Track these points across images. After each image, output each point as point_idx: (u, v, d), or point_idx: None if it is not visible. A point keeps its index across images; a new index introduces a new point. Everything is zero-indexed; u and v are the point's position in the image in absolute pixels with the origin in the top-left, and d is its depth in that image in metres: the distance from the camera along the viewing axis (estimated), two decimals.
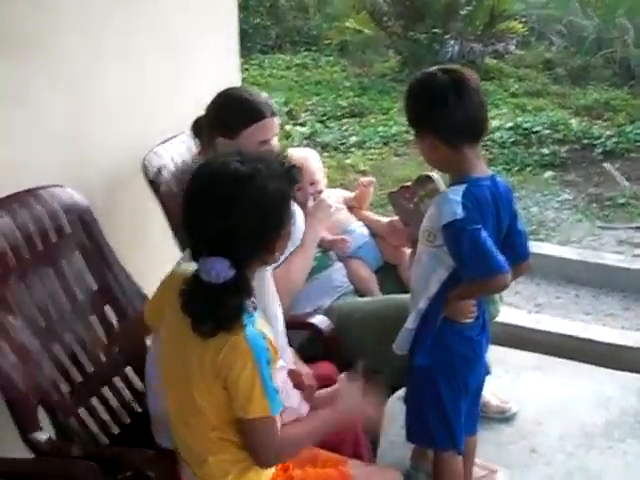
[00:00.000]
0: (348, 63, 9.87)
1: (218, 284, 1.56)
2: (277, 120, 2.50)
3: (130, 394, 2.31)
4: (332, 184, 3.92)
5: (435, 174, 2.58)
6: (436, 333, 2.14)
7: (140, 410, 2.31)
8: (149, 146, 2.66)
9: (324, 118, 7.88)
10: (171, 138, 2.75)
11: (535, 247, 4.01)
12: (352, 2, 10.47)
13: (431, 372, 2.16)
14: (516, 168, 6.62)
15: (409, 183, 2.55)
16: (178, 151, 2.73)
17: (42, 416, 2.04)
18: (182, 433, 1.75)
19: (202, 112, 2.58)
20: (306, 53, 10.22)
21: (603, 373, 3.34)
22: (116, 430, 2.24)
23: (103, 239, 2.34)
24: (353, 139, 7.21)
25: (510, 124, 7.32)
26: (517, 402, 3.00)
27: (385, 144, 7.25)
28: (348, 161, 6.78)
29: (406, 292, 2.59)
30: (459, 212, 1.98)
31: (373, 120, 7.81)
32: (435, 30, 8.96)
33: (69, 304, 2.22)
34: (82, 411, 2.17)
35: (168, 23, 2.89)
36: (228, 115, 2.47)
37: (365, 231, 2.84)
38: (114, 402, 2.27)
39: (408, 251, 2.66)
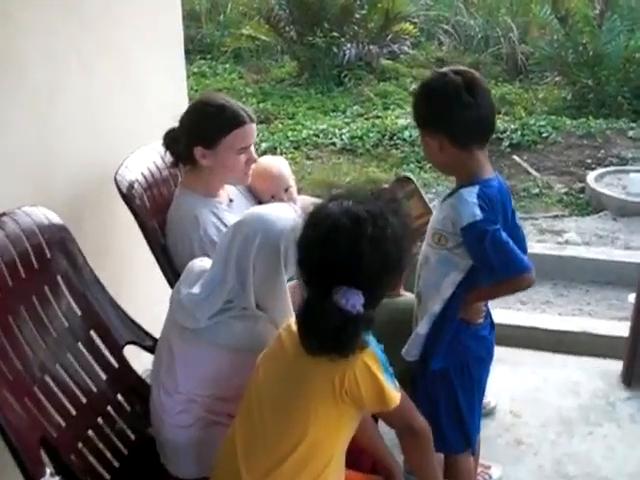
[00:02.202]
0: (244, 70, 9.79)
1: (351, 313, 1.57)
2: (254, 126, 2.42)
3: (124, 423, 2.17)
4: None
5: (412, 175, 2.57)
6: (452, 335, 2.09)
7: (134, 438, 2.18)
8: (113, 159, 2.52)
9: None
10: (137, 150, 2.61)
11: None
12: (244, 10, 10.42)
13: (447, 375, 2.12)
14: (428, 165, 6.67)
15: (387, 185, 2.53)
16: (146, 164, 2.60)
17: None
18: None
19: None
20: (202, 62, 10.05)
21: (565, 359, 3.40)
22: (116, 463, 2.10)
23: (82, 260, 2.20)
24: (264, 145, 7.13)
25: None
26: (493, 396, 3.01)
27: (296, 148, 7.24)
28: None
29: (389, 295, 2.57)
30: (478, 213, 1.94)
31: (280, 125, 7.77)
32: (333, 34, 8.99)
33: (55, 333, 2.06)
34: (80, 446, 2.02)
35: (120, 38, 2.76)
36: (206, 123, 2.37)
37: None
38: (110, 433, 2.12)
39: None
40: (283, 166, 2.68)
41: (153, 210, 2.53)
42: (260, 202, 2.64)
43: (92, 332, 2.18)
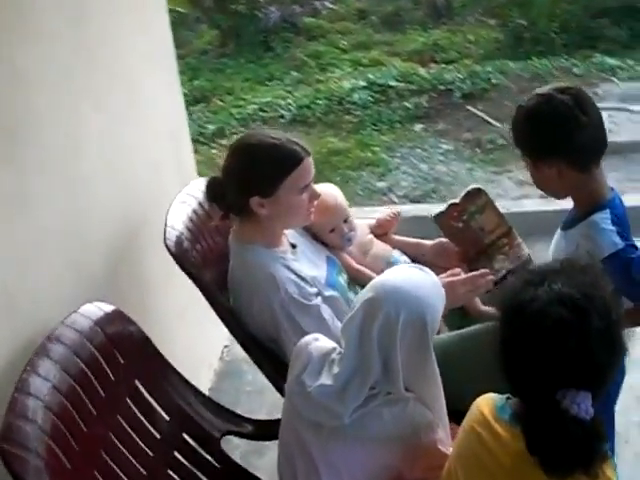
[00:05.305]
0: None
1: (587, 420, 1.30)
2: (311, 159, 2.10)
3: None
4: None
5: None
6: None
7: None
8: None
9: None
10: (173, 203, 2.27)
11: None
12: None
13: None
14: (385, 127, 6.42)
15: (457, 200, 2.32)
16: (188, 215, 2.26)
17: None
18: None
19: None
20: None
21: None
22: None
23: (154, 349, 1.87)
24: (211, 127, 6.64)
25: (363, 83, 7.06)
26: None
27: (244, 126, 6.75)
28: (215, 152, 6.21)
29: (467, 314, 2.35)
30: (618, 242, 1.85)
31: (221, 103, 7.28)
32: None
33: (150, 451, 1.74)
34: None
35: (122, 64, 2.41)
36: (260, 171, 2.04)
37: (406, 258, 2.50)
38: None
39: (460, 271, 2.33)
40: (338, 195, 2.39)
41: (207, 264, 2.21)
42: (317, 238, 2.35)
43: (185, 435, 1.85)
